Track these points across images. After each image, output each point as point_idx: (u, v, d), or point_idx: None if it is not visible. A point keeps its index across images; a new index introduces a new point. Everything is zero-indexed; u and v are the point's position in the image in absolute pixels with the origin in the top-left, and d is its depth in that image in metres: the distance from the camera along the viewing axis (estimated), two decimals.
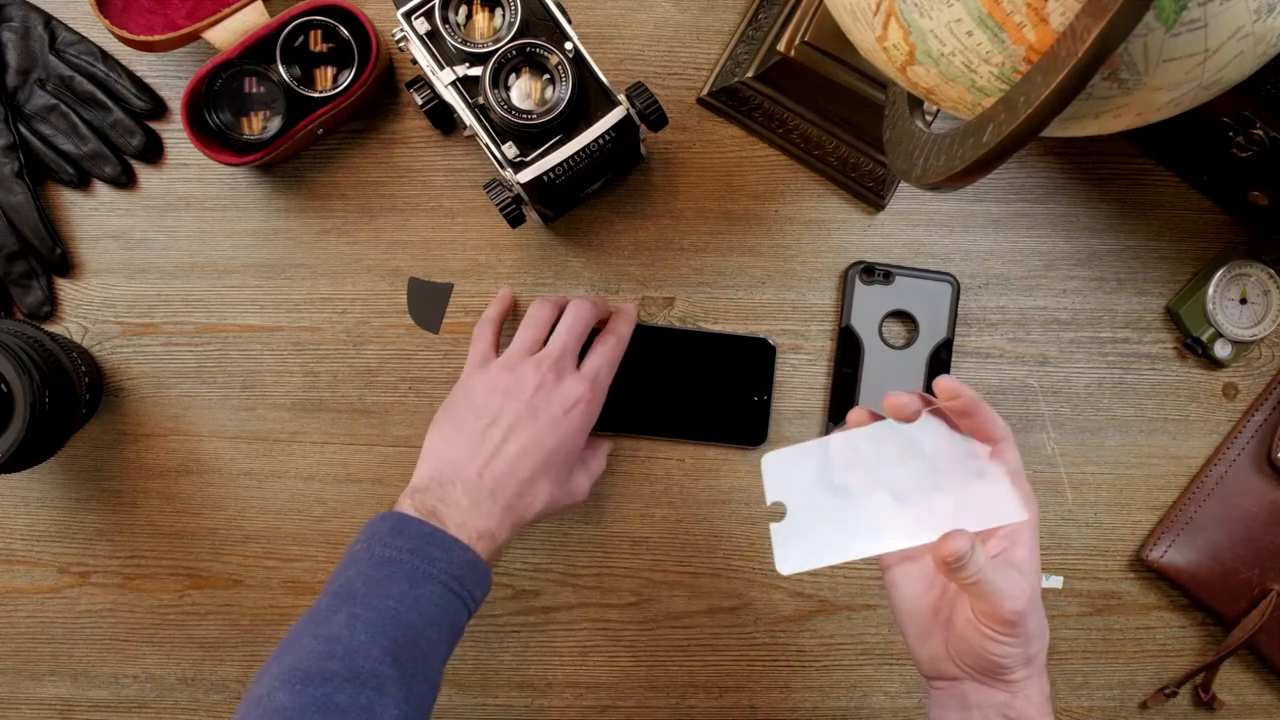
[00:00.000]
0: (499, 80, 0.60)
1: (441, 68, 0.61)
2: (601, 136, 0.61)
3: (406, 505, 0.58)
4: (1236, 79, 0.46)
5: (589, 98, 0.61)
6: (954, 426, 0.52)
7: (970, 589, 0.49)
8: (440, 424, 0.63)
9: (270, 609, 0.72)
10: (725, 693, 0.72)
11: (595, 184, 0.69)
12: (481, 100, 0.60)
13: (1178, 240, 0.72)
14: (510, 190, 0.64)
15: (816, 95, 0.68)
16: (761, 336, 0.71)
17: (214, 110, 0.66)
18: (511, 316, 0.70)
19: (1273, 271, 0.70)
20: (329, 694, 0.50)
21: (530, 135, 0.61)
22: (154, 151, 0.71)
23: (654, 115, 0.63)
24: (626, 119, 0.61)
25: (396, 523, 0.57)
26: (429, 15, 0.60)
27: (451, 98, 0.61)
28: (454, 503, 0.58)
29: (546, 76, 0.61)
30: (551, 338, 0.64)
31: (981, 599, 0.49)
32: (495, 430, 0.61)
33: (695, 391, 0.71)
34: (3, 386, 0.60)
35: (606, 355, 0.65)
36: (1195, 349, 0.71)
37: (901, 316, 0.71)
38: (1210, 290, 0.70)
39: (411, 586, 0.55)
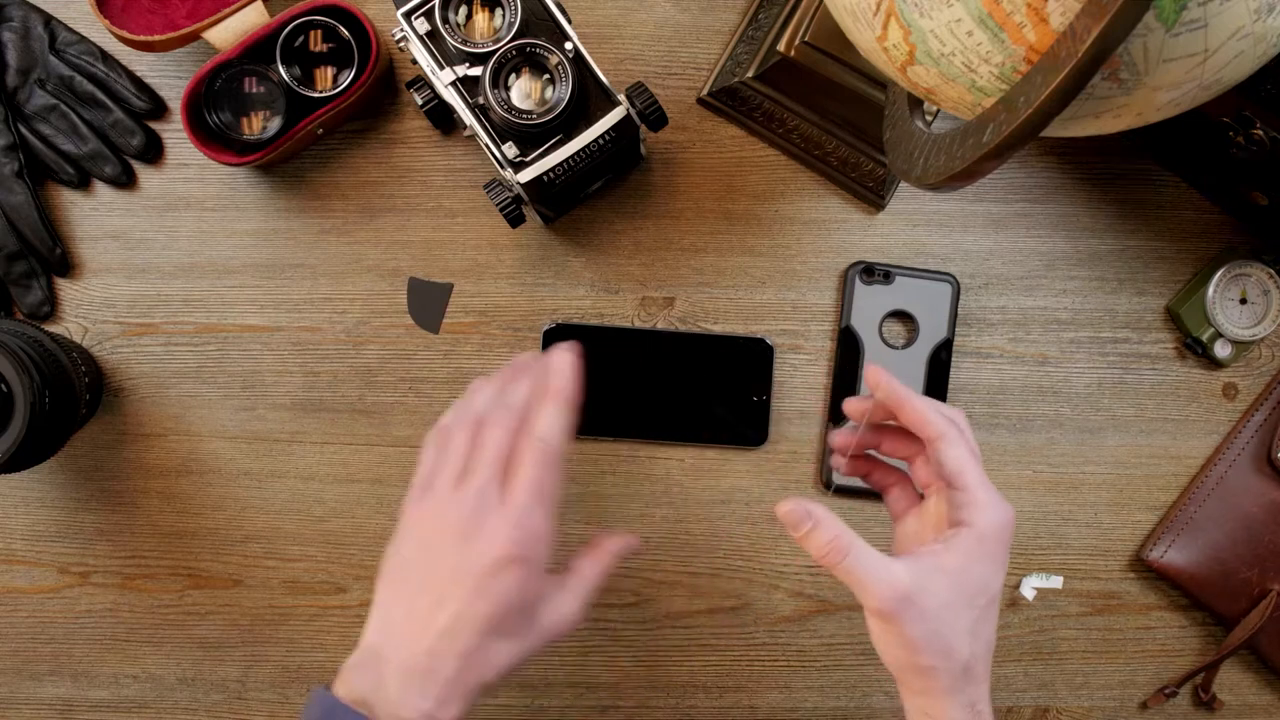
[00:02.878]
0: (499, 80, 0.60)
1: (441, 68, 0.61)
2: (601, 136, 0.61)
3: (343, 682, 0.51)
4: (1236, 79, 0.46)
5: (589, 98, 0.61)
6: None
7: (840, 577, 0.50)
8: (387, 573, 0.54)
9: (270, 609, 0.72)
10: (725, 693, 0.72)
11: (595, 184, 0.69)
12: (481, 100, 0.60)
13: (1178, 240, 0.72)
14: (510, 190, 0.64)
15: (816, 95, 0.68)
16: (760, 337, 0.71)
17: (214, 110, 0.66)
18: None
19: (1273, 271, 0.70)
20: None
21: (530, 135, 0.61)
22: (154, 151, 0.71)
23: (654, 115, 0.63)
24: (626, 119, 0.61)
25: (326, 711, 0.50)
26: (429, 15, 0.60)
27: (451, 98, 0.61)
28: (384, 689, 0.50)
29: (546, 76, 0.61)
30: (473, 468, 0.53)
31: (853, 589, 0.49)
32: (423, 598, 0.51)
33: (695, 394, 0.71)
34: (3, 386, 0.60)
35: (531, 479, 0.52)
36: (1195, 349, 0.71)
37: (901, 316, 0.71)
38: (1210, 290, 0.70)
39: None
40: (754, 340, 0.71)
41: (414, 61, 0.63)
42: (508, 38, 0.60)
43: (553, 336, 0.70)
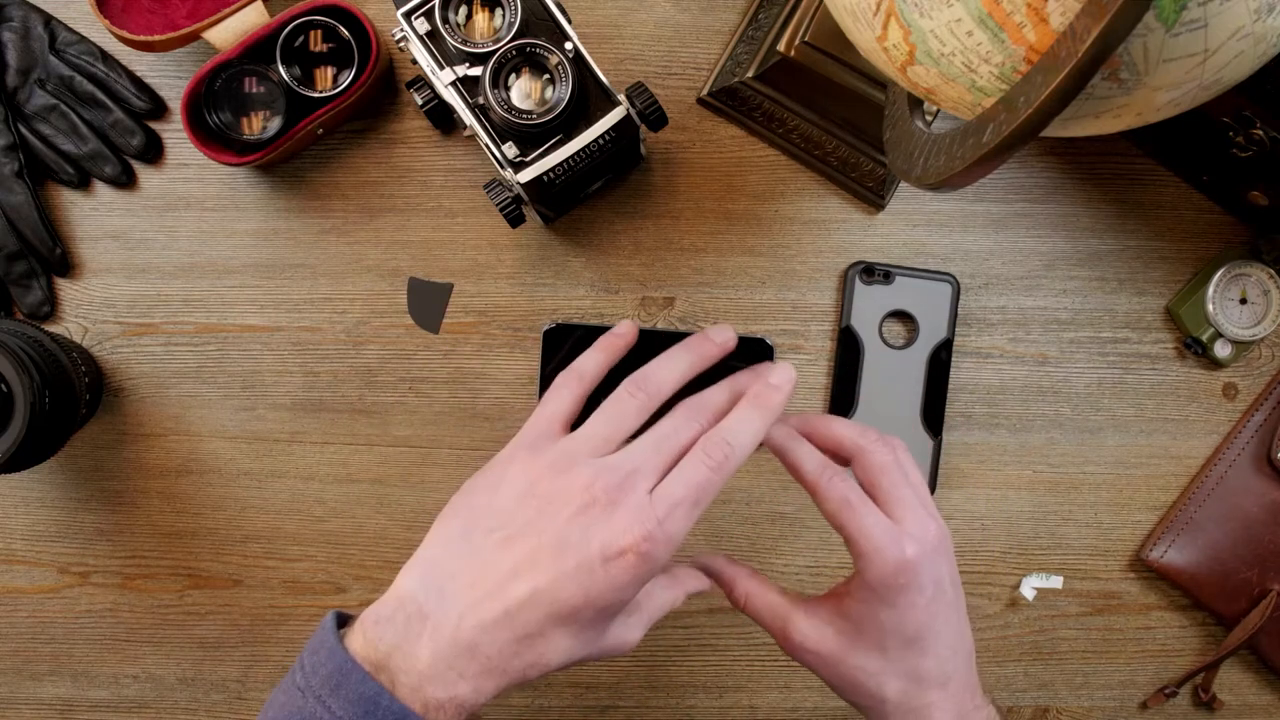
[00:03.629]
0: (499, 80, 0.60)
1: (441, 68, 0.61)
2: (601, 136, 0.61)
3: (360, 638, 0.44)
4: (1236, 79, 0.46)
5: (589, 98, 0.61)
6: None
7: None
8: (451, 515, 0.47)
9: (270, 609, 0.72)
10: (725, 693, 0.72)
11: (595, 184, 0.69)
12: (481, 100, 0.60)
13: (1178, 240, 0.72)
14: (510, 190, 0.64)
15: (816, 95, 0.68)
16: (760, 337, 0.71)
17: (214, 110, 0.66)
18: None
19: (1273, 271, 0.70)
20: None
21: (530, 135, 0.61)
22: (154, 151, 0.71)
23: (654, 115, 0.63)
24: (626, 119, 0.61)
25: (336, 671, 0.43)
26: (429, 15, 0.60)
27: (451, 98, 0.61)
28: (414, 654, 0.43)
29: (546, 76, 0.61)
30: (635, 443, 0.47)
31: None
32: (506, 556, 0.44)
33: (694, 393, 0.71)
34: (3, 386, 0.60)
35: (698, 479, 0.46)
36: (1195, 349, 0.71)
37: (901, 316, 0.71)
38: (1210, 290, 0.70)
39: None
40: (754, 340, 0.71)
41: (414, 61, 0.63)
42: (508, 38, 0.60)
43: (553, 336, 0.70)
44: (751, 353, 0.71)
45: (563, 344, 0.70)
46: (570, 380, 0.50)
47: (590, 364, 0.51)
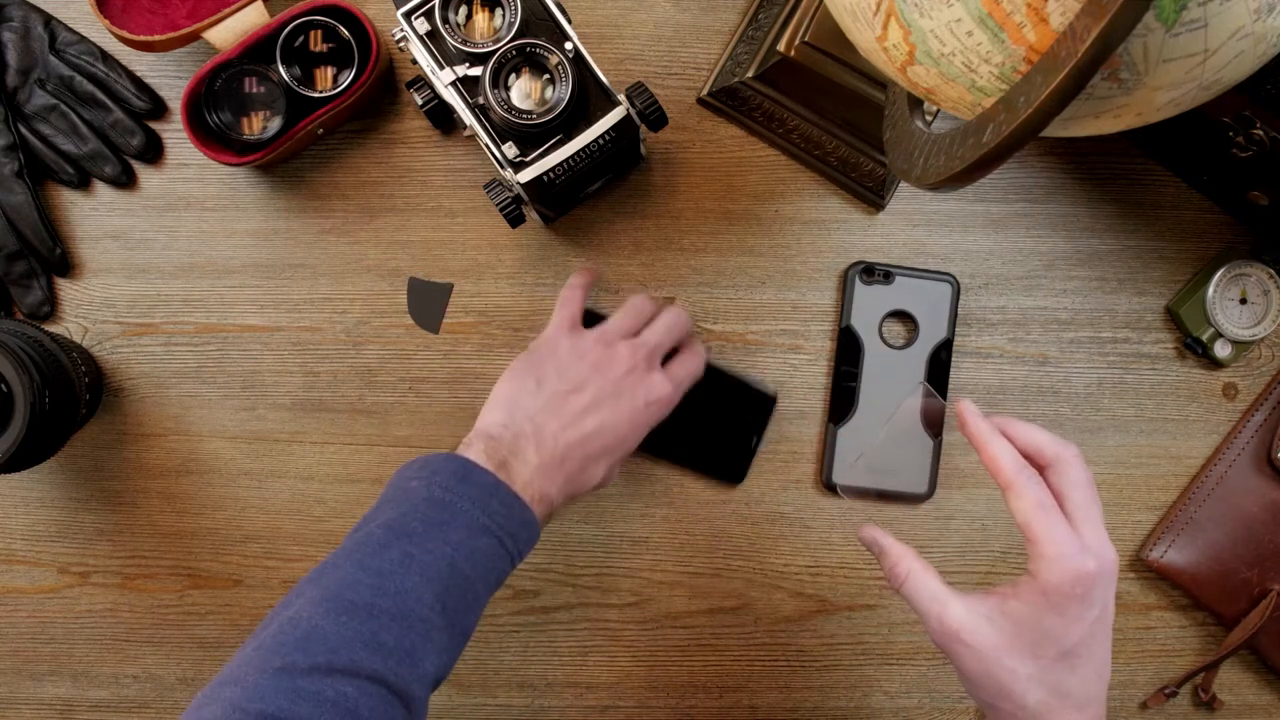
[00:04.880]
0: (499, 80, 0.60)
1: (441, 68, 0.61)
2: (601, 136, 0.61)
3: (475, 450, 0.56)
4: (1236, 79, 0.46)
5: (589, 98, 0.61)
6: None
7: (906, 601, 0.53)
8: (519, 373, 0.61)
9: (270, 609, 0.72)
10: (725, 693, 0.72)
11: (595, 184, 0.69)
12: (481, 100, 0.60)
13: (1178, 240, 0.72)
14: (510, 190, 0.64)
15: (816, 95, 0.68)
16: (767, 389, 0.70)
17: (214, 110, 0.66)
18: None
19: (1273, 271, 0.70)
20: (375, 631, 0.49)
21: (530, 135, 0.61)
22: (154, 151, 0.71)
23: (654, 115, 0.63)
24: (626, 119, 0.61)
25: (461, 467, 0.55)
26: (429, 15, 0.60)
27: (451, 98, 0.61)
28: (525, 459, 0.57)
29: (546, 76, 0.61)
30: (648, 330, 0.64)
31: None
32: (578, 399, 0.59)
33: (691, 421, 0.69)
34: (3, 386, 0.60)
35: (689, 368, 0.64)
36: (1195, 349, 0.71)
37: (901, 316, 0.71)
38: (1210, 290, 0.70)
39: (469, 536, 0.53)
40: (759, 390, 0.70)
41: (414, 61, 0.63)
42: (508, 38, 0.60)
43: None
44: (752, 400, 0.70)
45: None
46: (574, 292, 0.65)
47: (580, 280, 0.66)
